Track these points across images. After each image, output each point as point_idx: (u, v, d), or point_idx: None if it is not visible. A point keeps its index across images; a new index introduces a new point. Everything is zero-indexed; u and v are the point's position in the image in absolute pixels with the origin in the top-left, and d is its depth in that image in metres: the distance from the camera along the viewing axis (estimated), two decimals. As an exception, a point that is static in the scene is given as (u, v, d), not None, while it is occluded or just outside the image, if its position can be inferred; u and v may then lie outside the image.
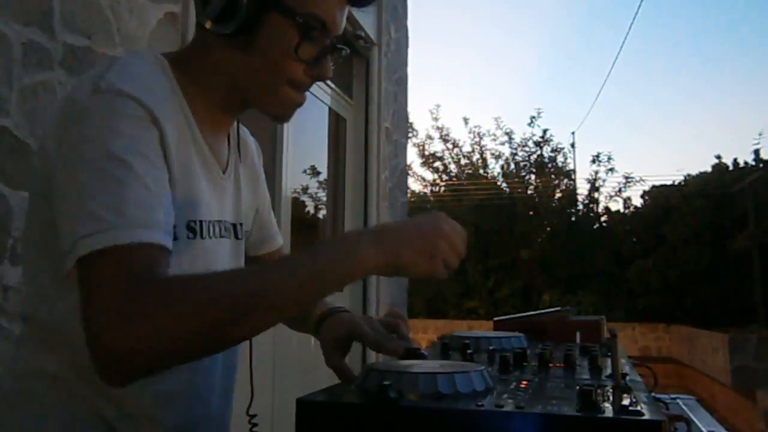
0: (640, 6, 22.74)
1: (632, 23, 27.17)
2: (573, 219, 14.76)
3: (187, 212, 0.89)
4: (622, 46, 29.87)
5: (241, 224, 1.06)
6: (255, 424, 1.04)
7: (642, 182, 14.66)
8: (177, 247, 0.84)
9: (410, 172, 14.57)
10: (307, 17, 0.89)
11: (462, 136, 26.90)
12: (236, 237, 1.04)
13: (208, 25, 0.90)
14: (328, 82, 3.87)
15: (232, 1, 0.87)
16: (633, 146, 31.77)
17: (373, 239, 0.81)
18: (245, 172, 1.10)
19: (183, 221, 0.88)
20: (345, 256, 0.80)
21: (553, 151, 15.38)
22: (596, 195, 14.90)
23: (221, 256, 0.98)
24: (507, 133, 15.40)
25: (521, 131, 19.77)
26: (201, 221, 0.92)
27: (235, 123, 1.07)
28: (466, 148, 15.88)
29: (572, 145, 15.87)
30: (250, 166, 1.14)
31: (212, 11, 0.89)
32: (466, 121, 15.98)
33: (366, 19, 4.16)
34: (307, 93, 0.98)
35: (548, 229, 14.47)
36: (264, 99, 0.95)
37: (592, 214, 14.96)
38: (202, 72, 0.94)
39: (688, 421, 1.35)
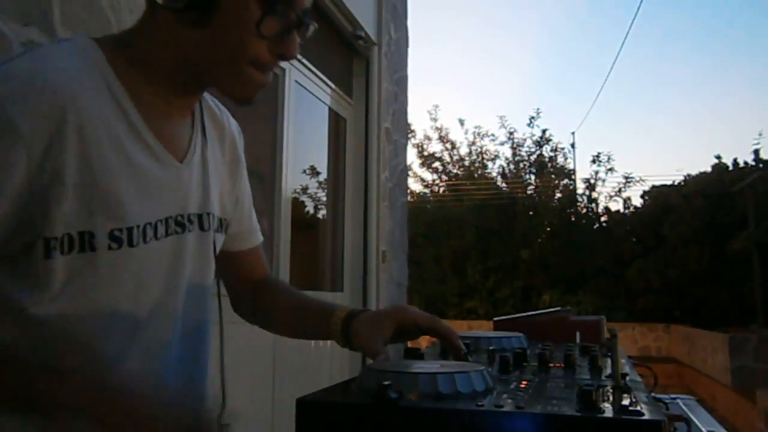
0: (640, 6, 22.78)
1: (632, 23, 27.23)
2: (573, 219, 14.78)
3: (110, 221, 0.81)
4: (622, 46, 29.91)
5: (209, 214, 0.96)
6: None
7: (642, 182, 14.71)
8: (95, 261, 0.79)
9: (410, 172, 14.57)
10: None
11: (461, 137, 26.90)
12: (201, 229, 0.95)
13: None
14: (329, 81, 3.88)
15: None
16: (633, 146, 31.83)
17: None
18: (219, 156, 1.02)
19: (105, 231, 0.80)
20: None
21: (553, 151, 15.41)
22: (596, 195, 14.93)
23: (172, 256, 0.90)
24: (510, 133, 15.43)
25: (521, 131, 19.79)
26: (131, 228, 0.83)
27: (199, 104, 0.98)
28: (464, 150, 15.91)
29: (572, 145, 15.92)
30: (229, 150, 1.05)
31: None
32: (461, 122, 16.01)
33: (366, 18, 4.16)
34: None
35: (548, 229, 14.49)
36: (225, 80, 0.87)
37: (592, 214, 14.98)
38: (149, 52, 0.86)
39: (688, 421, 1.34)
